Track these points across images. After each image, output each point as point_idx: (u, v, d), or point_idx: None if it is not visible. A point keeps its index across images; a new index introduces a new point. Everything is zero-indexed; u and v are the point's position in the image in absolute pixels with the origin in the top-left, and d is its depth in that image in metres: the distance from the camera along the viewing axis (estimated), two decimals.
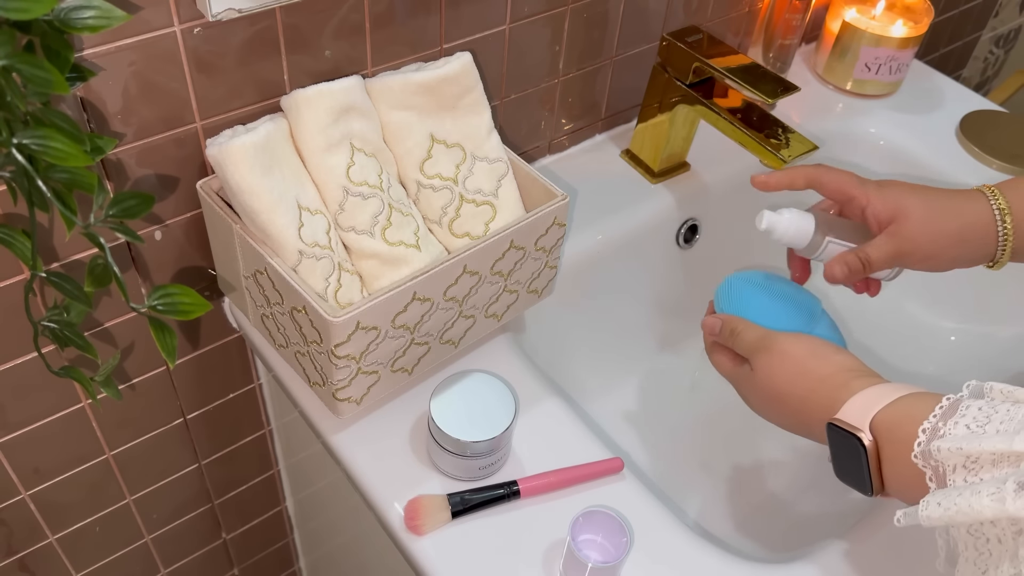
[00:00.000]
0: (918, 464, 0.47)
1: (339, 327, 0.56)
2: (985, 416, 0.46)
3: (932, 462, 0.47)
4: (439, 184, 0.66)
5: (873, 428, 0.51)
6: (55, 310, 0.55)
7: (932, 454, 0.46)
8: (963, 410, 0.47)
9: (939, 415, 0.48)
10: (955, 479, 0.45)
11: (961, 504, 0.43)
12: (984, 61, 1.60)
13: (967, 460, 0.45)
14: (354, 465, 0.64)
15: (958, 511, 0.43)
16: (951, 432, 0.46)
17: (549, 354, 0.78)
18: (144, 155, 0.60)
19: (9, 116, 0.42)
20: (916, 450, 0.47)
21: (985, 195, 0.63)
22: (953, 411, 0.47)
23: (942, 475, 0.46)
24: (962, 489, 0.44)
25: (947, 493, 0.44)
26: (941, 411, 0.48)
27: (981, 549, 0.44)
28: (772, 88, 0.76)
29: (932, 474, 0.47)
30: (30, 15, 0.38)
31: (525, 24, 0.75)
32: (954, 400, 0.48)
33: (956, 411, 0.47)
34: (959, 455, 0.45)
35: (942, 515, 0.44)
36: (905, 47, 0.98)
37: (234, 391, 0.83)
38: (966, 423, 0.46)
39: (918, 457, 0.47)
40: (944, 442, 0.46)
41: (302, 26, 0.61)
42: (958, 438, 0.45)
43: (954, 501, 0.43)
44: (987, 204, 0.62)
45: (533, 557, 0.59)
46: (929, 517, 0.45)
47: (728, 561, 0.60)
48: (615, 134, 0.93)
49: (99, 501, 0.80)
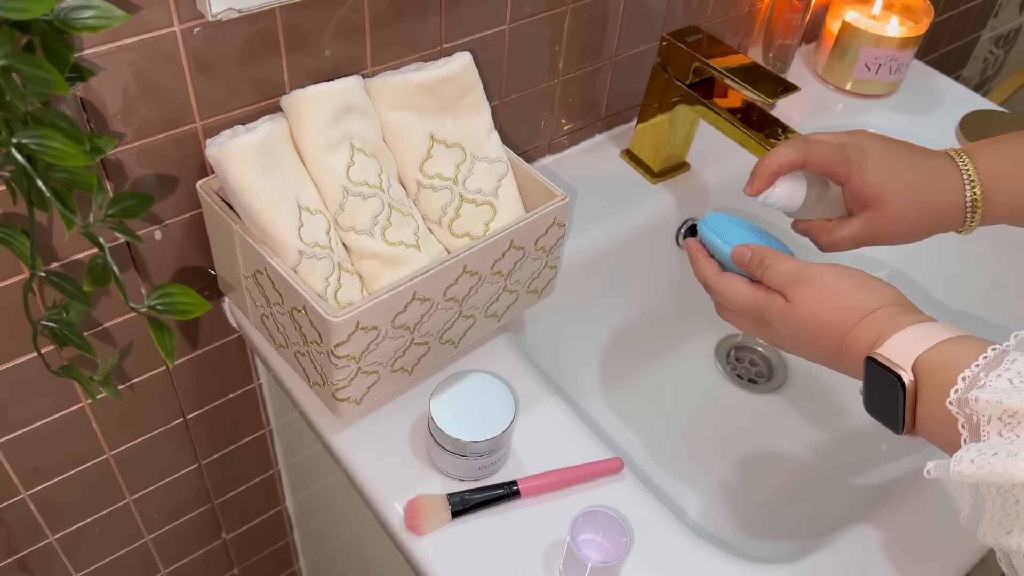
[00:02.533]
0: (952, 411, 0.47)
1: (339, 327, 0.56)
2: None
3: (967, 410, 0.46)
4: (439, 184, 0.66)
5: (915, 368, 0.50)
6: (54, 310, 0.55)
7: (968, 403, 0.45)
8: (1008, 363, 0.46)
9: (982, 364, 0.46)
10: (989, 431, 0.44)
11: (996, 464, 0.42)
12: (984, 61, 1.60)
13: (1004, 414, 0.43)
14: (354, 465, 0.64)
15: (991, 471, 0.42)
16: (992, 384, 0.45)
17: (549, 354, 0.78)
18: (144, 155, 0.60)
19: (9, 116, 0.42)
20: (952, 396, 0.47)
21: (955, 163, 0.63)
22: (998, 362, 0.46)
23: (975, 425, 0.45)
24: (998, 448, 0.43)
25: (981, 450, 0.44)
26: (985, 361, 0.47)
27: (1009, 510, 0.44)
28: (772, 88, 0.76)
29: (965, 422, 0.46)
30: (30, 15, 0.38)
31: (525, 24, 0.75)
32: (1000, 351, 0.47)
33: (1001, 363, 0.46)
34: (997, 407, 0.44)
35: (974, 472, 0.43)
36: (905, 47, 0.98)
37: (234, 391, 0.83)
38: (1009, 377, 0.45)
39: (953, 404, 0.47)
40: (983, 393, 0.45)
41: (302, 26, 0.61)
42: (999, 391, 0.44)
43: (988, 460, 0.43)
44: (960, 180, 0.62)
45: (533, 557, 0.59)
46: (961, 473, 0.44)
47: (728, 561, 0.60)
48: (615, 134, 0.93)
49: (99, 501, 0.80)
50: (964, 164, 0.62)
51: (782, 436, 0.88)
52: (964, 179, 0.62)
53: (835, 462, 0.86)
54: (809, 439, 0.88)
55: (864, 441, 0.86)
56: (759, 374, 0.94)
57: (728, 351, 0.95)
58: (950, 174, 0.62)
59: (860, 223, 0.63)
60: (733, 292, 0.60)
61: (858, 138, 0.64)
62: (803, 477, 0.85)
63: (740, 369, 0.94)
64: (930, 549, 0.63)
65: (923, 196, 0.62)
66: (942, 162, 0.63)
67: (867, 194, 0.62)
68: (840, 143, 0.63)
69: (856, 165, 0.62)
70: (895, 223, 0.62)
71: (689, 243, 0.65)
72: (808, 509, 0.81)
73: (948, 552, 0.62)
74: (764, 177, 0.64)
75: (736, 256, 0.61)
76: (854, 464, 0.85)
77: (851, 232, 0.63)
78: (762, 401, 0.91)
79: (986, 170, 0.62)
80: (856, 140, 0.64)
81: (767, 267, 0.59)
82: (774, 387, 0.92)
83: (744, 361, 0.95)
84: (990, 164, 0.62)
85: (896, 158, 0.63)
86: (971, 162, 0.62)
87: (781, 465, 0.86)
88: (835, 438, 0.88)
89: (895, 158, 0.63)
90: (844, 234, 0.63)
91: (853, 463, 0.85)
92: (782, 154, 0.63)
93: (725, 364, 0.94)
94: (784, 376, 0.93)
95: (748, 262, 0.60)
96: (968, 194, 0.62)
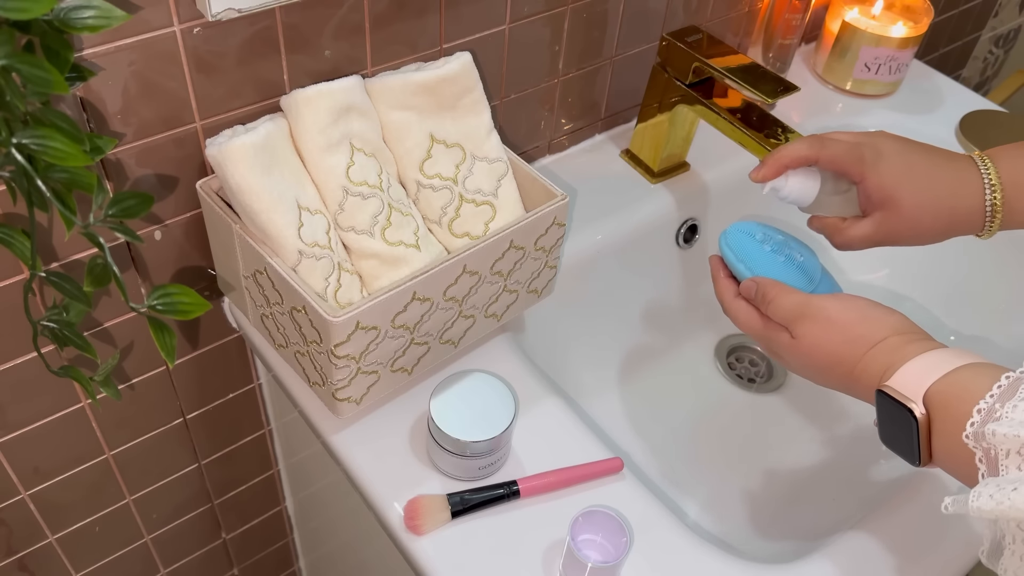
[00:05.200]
0: (969, 444, 0.46)
1: (339, 327, 0.56)
2: None
3: (984, 444, 0.45)
4: (439, 184, 0.66)
5: (927, 400, 0.49)
6: (54, 310, 0.55)
7: (985, 436, 0.44)
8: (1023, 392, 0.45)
9: (996, 395, 0.46)
10: (1008, 464, 0.43)
11: (1016, 500, 0.41)
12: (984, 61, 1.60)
13: (1023, 448, 0.43)
14: (354, 465, 0.64)
15: (1011, 506, 0.41)
16: (1008, 415, 0.44)
17: (549, 354, 0.78)
18: (144, 155, 0.60)
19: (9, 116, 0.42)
20: (968, 430, 0.46)
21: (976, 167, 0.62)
22: (1013, 391, 0.45)
23: (994, 458, 0.44)
24: (1017, 483, 0.42)
25: (1000, 485, 0.43)
26: (999, 391, 0.46)
27: None
28: (772, 88, 0.76)
29: (983, 455, 0.45)
30: (30, 15, 0.38)
31: (525, 24, 0.75)
32: (1015, 378, 0.46)
33: (1016, 392, 0.45)
34: (1015, 441, 0.43)
35: (994, 508, 0.42)
36: (905, 47, 0.98)
37: (234, 391, 0.83)
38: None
39: (969, 438, 0.46)
40: (1000, 426, 0.44)
41: (302, 26, 0.61)
42: (1016, 423, 0.43)
43: (1008, 495, 0.42)
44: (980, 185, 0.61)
45: (533, 557, 0.59)
46: (980, 509, 0.43)
47: (728, 561, 0.60)
48: (615, 134, 0.93)
49: (99, 501, 0.80)
50: (986, 168, 0.61)
51: (782, 436, 0.88)
52: (985, 183, 0.61)
53: (835, 462, 0.86)
54: (809, 439, 0.88)
55: (864, 441, 0.85)
56: (759, 374, 0.94)
57: (728, 351, 0.95)
58: (970, 177, 0.62)
59: (873, 224, 0.63)
60: (744, 321, 0.62)
61: (876, 139, 0.64)
62: (803, 477, 0.85)
63: (740, 369, 0.94)
64: (930, 549, 0.63)
65: (939, 199, 0.62)
66: (963, 165, 0.62)
67: (881, 195, 0.62)
68: (856, 143, 0.63)
69: (871, 165, 0.62)
70: (908, 225, 0.62)
71: (712, 260, 0.66)
72: (808, 509, 0.81)
73: (948, 552, 0.62)
74: (772, 167, 0.64)
75: (744, 291, 0.62)
76: (854, 464, 0.85)
77: (864, 232, 0.63)
78: (762, 401, 0.91)
79: (1008, 176, 0.61)
80: (873, 141, 0.63)
81: (770, 303, 0.59)
82: (774, 387, 0.92)
83: (744, 361, 0.95)
84: (1012, 170, 0.61)
85: (914, 160, 0.62)
86: (993, 167, 0.61)
87: (781, 465, 0.86)
88: (835, 438, 0.88)
89: (912, 160, 0.62)
90: (857, 234, 0.63)
91: (853, 463, 0.85)
92: (794, 148, 0.63)
93: (725, 364, 0.94)
94: (784, 376, 0.93)
95: (754, 296, 0.61)
96: (988, 199, 0.61)
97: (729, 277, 0.64)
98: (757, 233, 0.65)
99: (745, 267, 0.63)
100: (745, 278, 0.63)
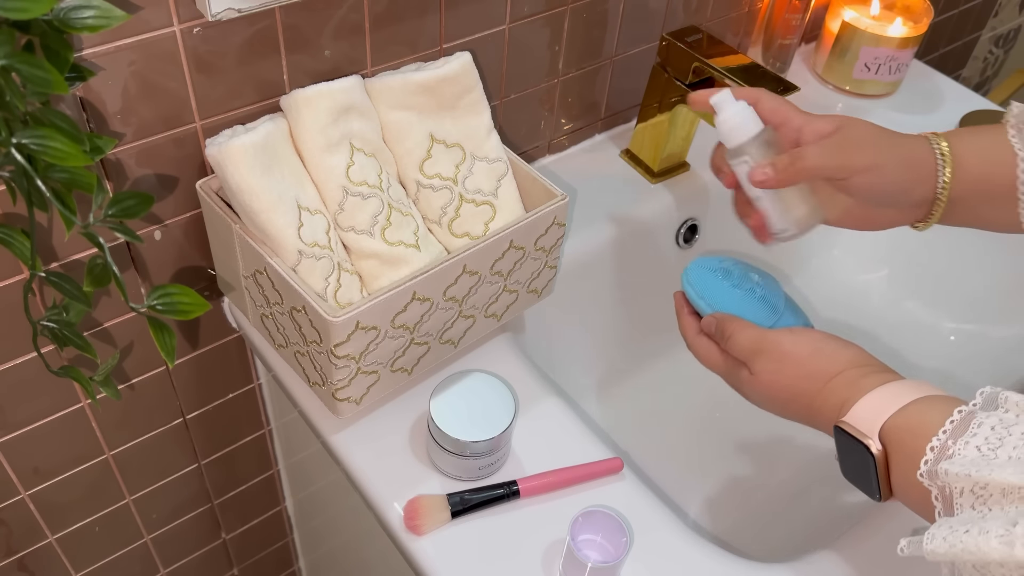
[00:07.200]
0: (924, 483, 0.46)
1: (339, 327, 0.56)
2: (998, 437, 0.43)
3: (939, 482, 0.45)
4: (439, 184, 0.66)
5: (883, 435, 0.49)
6: (54, 310, 0.55)
7: (939, 474, 0.44)
8: (975, 427, 0.45)
9: (949, 431, 0.45)
10: (962, 503, 0.43)
11: (968, 543, 0.41)
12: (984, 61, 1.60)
13: (976, 486, 0.42)
14: (354, 465, 0.64)
15: (964, 549, 0.41)
16: (960, 453, 0.44)
17: (549, 354, 0.78)
18: (143, 155, 0.60)
19: (8, 116, 0.42)
20: (923, 468, 0.46)
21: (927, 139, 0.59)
22: (964, 427, 0.45)
23: (948, 497, 0.44)
24: (969, 524, 0.42)
25: (953, 527, 0.42)
26: (952, 426, 0.46)
27: None
28: (772, 88, 0.76)
29: (938, 494, 0.45)
30: (29, 15, 0.38)
31: (525, 24, 0.75)
32: (966, 413, 0.46)
33: (967, 428, 0.45)
34: (967, 480, 0.43)
35: (947, 551, 0.42)
36: (905, 47, 0.98)
37: (234, 391, 0.83)
38: (976, 444, 0.44)
39: (924, 476, 0.46)
40: (952, 465, 0.44)
41: (302, 26, 0.61)
42: (967, 462, 0.43)
43: (960, 539, 0.41)
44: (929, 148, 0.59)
45: (533, 557, 0.59)
46: (934, 552, 0.43)
47: (728, 561, 0.60)
48: (615, 134, 0.93)
49: (99, 501, 0.80)
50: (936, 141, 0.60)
51: (782, 436, 0.88)
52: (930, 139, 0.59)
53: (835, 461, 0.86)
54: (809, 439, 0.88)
55: None
56: None
57: None
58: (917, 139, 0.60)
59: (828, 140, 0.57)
60: (705, 358, 0.63)
61: None
62: (803, 476, 0.85)
63: None
64: None
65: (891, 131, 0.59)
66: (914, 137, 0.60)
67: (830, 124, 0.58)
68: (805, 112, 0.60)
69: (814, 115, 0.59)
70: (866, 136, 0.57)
71: (676, 296, 0.66)
72: (808, 508, 0.81)
73: None
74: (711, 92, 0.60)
75: (705, 327, 0.63)
76: None
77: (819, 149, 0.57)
78: None
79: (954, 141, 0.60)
80: None
81: (728, 338, 0.60)
82: None
83: None
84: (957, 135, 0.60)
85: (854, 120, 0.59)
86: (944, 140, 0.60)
87: (781, 464, 0.86)
88: None
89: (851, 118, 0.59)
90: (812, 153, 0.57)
91: None
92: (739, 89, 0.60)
93: None
94: None
95: (714, 332, 0.62)
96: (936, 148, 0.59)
97: (692, 314, 0.65)
98: (719, 268, 0.65)
99: (706, 303, 0.63)
100: (707, 314, 0.63)
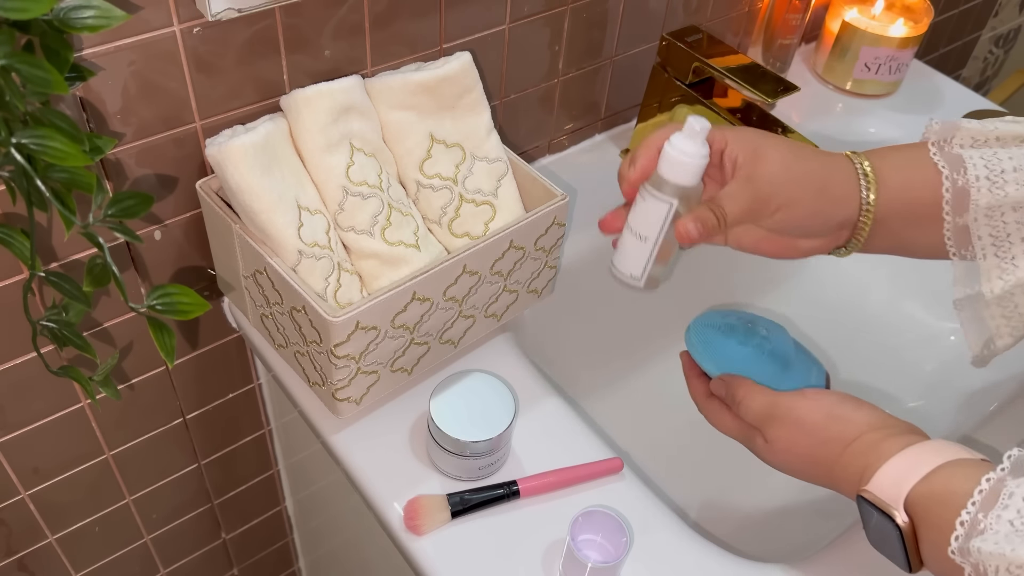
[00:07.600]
0: (955, 560, 0.44)
1: (339, 327, 0.56)
2: None
3: (972, 559, 0.43)
4: (439, 184, 0.66)
5: (908, 505, 0.47)
6: (54, 310, 0.55)
7: (971, 552, 0.42)
8: (1005, 498, 0.43)
9: (979, 503, 0.43)
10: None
11: None
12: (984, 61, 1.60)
13: (1011, 565, 0.40)
14: (354, 465, 0.64)
15: None
16: (992, 527, 0.42)
17: (549, 354, 0.78)
18: (143, 155, 0.60)
19: (8, 116, 0.42)
20: (953, 544, 0.44)
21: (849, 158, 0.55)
22: (995, 498, 0.43)
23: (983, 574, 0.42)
24: None
25: None
26: (981, 496, 0.44)
27: None
28: (772, 88, 0.76)
29: (972, 571, 0.43)
30: (29, 15, 0.38)
31: (525, 24, 0.75)
32: (995, 481, 0.44)
33: (998, 498, 0.43)
34: (1002, 559, 0.41)
35: None
36: (905, 47, 0.98)
37: (233, 391, 0.83)
38: (1009, 518, 0.42)
39: (955, 553, 0.44)
40: (985, 543, 0.42)
41: (302, 26, 0.61)
42: (1001, 538, 0.41)
43: None
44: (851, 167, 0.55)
45: (533, 557, 0.59)
46: None
47: (728, 561, 0.60)
48: (615, 134, 0.93)
49: (98, 501, 0.80)
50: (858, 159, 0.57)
51: None
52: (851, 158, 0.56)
53: None
54: None
55: None
56: None
57: None
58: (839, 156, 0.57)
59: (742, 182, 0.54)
60: (719, 423, 0.61)
61: None
62: None
63: None
64: None
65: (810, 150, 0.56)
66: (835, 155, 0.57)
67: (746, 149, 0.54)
68: None
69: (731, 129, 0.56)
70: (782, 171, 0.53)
71: (682, 357, 0.65)
72: (808, 508, 0.81)
73: None
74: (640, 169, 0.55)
75: (714, 390, 0.61)
76: None
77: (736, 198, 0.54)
78: None
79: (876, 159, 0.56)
80: None
81: (739, 404, 0.58)
82: None
83: None
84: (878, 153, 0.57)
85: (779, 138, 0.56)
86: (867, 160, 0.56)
87: None
88: None
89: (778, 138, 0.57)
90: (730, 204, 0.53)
91: None
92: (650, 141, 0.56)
93: None
94: None
95: (724, 396, 0.60)
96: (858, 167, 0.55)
97: (700, 375, 0.63)
98: (722, 324, 0.63)
99: (713, 364, 0.61)
100: (714, 376, 0.61)
